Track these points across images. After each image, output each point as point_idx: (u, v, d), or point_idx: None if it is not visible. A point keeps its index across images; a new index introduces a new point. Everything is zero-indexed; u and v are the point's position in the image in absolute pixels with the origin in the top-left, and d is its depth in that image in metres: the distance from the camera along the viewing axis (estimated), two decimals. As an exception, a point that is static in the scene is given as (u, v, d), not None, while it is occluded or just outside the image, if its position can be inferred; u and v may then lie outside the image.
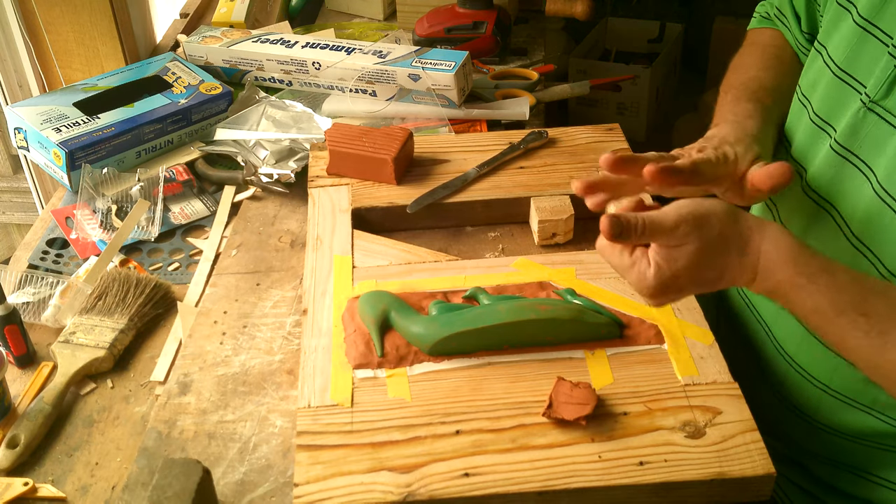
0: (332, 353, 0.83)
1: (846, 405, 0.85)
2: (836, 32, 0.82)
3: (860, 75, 0.79)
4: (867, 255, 0.78)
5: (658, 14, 2.67)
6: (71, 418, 0.85)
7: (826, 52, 0.83)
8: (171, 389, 0.85)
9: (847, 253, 0.80)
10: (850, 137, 0.79)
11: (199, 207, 1.13)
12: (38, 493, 0.77)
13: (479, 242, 1.03)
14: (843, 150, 0.80)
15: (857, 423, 0.85)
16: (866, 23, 0.78)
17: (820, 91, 0.84)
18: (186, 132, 1.23)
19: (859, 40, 0.79)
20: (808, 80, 0.87)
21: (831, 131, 0.82)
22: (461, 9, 1.43)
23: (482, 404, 0.77)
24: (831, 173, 0.81)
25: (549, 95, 1.33)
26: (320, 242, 0.97)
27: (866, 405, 0.83)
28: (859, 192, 0.78)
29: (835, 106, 0.82)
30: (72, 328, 0.91)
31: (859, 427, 0.85)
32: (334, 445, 0.74)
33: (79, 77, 1.38)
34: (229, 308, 0.94)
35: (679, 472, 0.71)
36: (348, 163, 1.06)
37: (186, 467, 0.68)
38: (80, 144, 1.12)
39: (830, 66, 0.82)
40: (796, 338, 0.88)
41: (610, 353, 0.82)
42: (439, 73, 1.21)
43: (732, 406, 0.76)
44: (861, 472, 0.88)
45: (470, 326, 0.81)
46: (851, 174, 0.79)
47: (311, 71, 1.30)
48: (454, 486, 0.71)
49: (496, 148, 1.10)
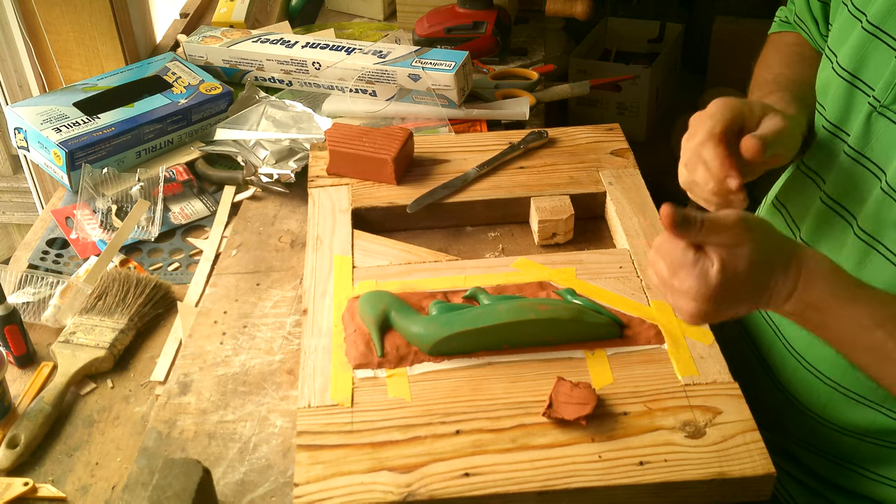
0: (332, 353, 0.83)
1: (856, 402, 0.85)
2: (847, 39, 0.83)
3: (869, 79, 0.80)
4: (878, 248, 0.79)
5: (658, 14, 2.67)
6: (71, 418, 0.85)
7: (836, 59, 0.84)
8: (171, 389, 0.85)
9: (857, 249, 0.81)
10: (862, 141, 0.80)
11: (199, 207, 1.13)
12: (38, 493, 0.77)
13: (479, 242, 1.03)
14: (857, 154, 0.81)
15: (866, 420, 0.85)
16: (875, 29, 0.79)
17: (831, 97, 0.85)
18: (186, 132, 1.23)
19: (868, 46, 0.79)
20: (819, 87, 0.88)
21: (844, 136, 0.83)
22: (461, 9, 1.43)
23: (482, 404, 0.77)
24: (846, 178, 0.82)
25: (549, 95, 1.33)
26: (320, 242, 0.96)
27: (877, 402, 0.84)
28: (870, 193, 0.79)
29: (845, 111, 0.83)
30: (72, 328, 0.91)
31: (867, 424, 0.85)
32: (334, 445, 0.74)
33: (79, 77, 1.38)
34: (229, 308, 0.94)
35: (679, 472, 0.71)
36: (348, 163, 1.06)
37: (186, 467, 0.68)
38: (80, 144, 1.12)
39: (839, 72, 0.83)
40: (806, 336, 0.88)
41: (610, 353, 0.82)
42: (439, 73, 1.21)
43: (732, 406, 0.77)
44: (864, 470, 0.88)
45: (470, 326, 0.81)
46: (864, 177, 0.80)
47: (311, 71, 1.30)
48: (454, 486, 0.71)
49: (496, 148, 1.10)
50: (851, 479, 0.89)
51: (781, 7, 1.07)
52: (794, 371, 0.90)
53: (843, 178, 0.83)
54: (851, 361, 0.74)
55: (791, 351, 0.90)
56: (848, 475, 0.89)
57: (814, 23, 0.97)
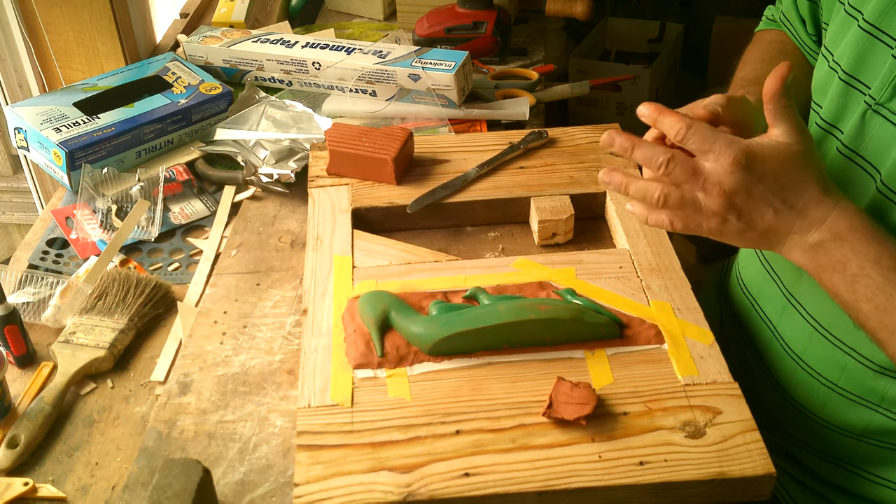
0: (332, 353, 0.83)
1: (854, 403, 0.85)
2: (844, 38, 0.83)
3: (866, 78, 0.80)
4: None
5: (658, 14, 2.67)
6: (71, 418, 0.85)
7: (832, 58, 0.84)
8: (171, 389, 0.85)
9: None
10: (856, 139, 0.80)
11: (199, 207, 1.13)
12: (38, 493, 0.77)
13: (479, 242, 1.03)
14: (849, 152, 0.81)
15: (863, 420, 0.85)
16: (872, 27, 0.79)
17: (828, 96, 0.85)
18: (186, 132, 1.23)
19: (865, 44, 0.79)
20: (816, 86, 0.88)
21: (838, 133, 0.83)
22: (461, 9, 1.43)
23: (482, 404, 0.77)
24: (839, 176, 0.82)
25: (549, 95, 1.33)
26: (320, 242, 0.97)
27: (874, 402, 0.84)
28: (864, 192, 0.79)
29: (841, 109, 0.83)
30: (72, 328, 0.91)
31: (864, 425, 0.85)
32: (334, 445, 0.74)
33: (79, 77, 1.38)
34: (229, 308, 0.94)
35: (679, 472, 0.71)
36: (348, 163, 1.06)
37: (186, 467, 0.68)
38: (80, 144, 1.12)
39: (837, 71, 0.83)
40: (803, 337, 0.88)
41: (610, 353, 0.82)
42: (439, 73, 1.21)
43: (732, 406, 0.76)
44: (862, 471, 0.88)
45: (470, 326, 0.81)
46: (857, 175, 0.80)
47: (311, 71, 1.30)
48: (454, 485, 0.71)
49: (496, 148, 1.10)
50: (850, 480, 0.89)
51: (770, 6, 1.08)
52: (792, 372, 0.90)
53: (835, 177, 0.83)
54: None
55: (788, 352, 0.91)
56: (847, 476, 0.90)
57: (800, 22, 0.97)
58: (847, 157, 0.81)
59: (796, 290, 0.89)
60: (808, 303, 0.87)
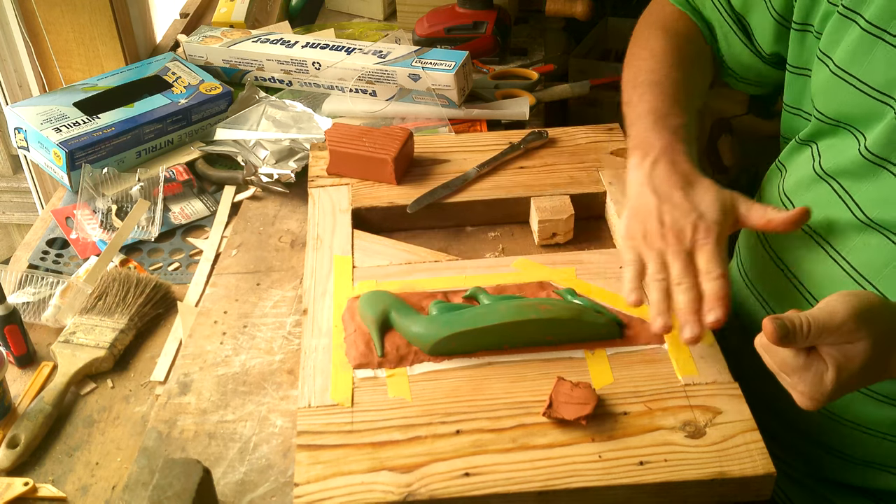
0: (332, 353, 0.83)
1: (868, 398, 0.85)
2: (842, 41, 0.81)
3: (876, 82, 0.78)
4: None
5: (658, 14, 2.67)
6: (71, 418, 0.85)
7: (832, 62, 0.82)
8: (171, 389, 0.85)
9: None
10: (887, 147, 0.78)
11: (199, 207, 1.13)
12: (39, 493, 0.77)
13: (479, 242, 1.03)
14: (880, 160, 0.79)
15: (889, 419, 0.85)
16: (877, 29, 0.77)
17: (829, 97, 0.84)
18: (186, 132, 1.23)
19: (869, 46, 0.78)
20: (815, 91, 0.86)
21: (861, 139, 0.81)
22: (461, 9, 1.43)
23: (482, 404, 0.77)
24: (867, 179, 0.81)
25: (549, 95, 1.33)
26: (320, 242, 0.97)
27: (893, 398, 0.83)
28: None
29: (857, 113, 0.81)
30: (72, 328, 0.91)
31: (880, 418, 0.85)
32: (334, 445, 0.74)
33: (79, 77, 1.38)
34: (229, 308, 0.94)
35: (679, 472, 0.71)
36: (348, 163, 1.06)
37: (186, 467, 0.68)
38: (80, 144, 1.12)
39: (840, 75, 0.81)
40: None
41: (610, 353, 0.82)
42: (439, 73, 1.21)
43: (732, 406, 0.77)
44: (874, 464, 0.88)
45: (470, 326, 0.81)
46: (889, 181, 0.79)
47: (311, 71, 1.30)
48: (454, 485, 0.71)
49: (496, 148, 1.10)
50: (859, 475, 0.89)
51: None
52: None
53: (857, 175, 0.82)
54: None
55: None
56: (855, 470, 0.89)
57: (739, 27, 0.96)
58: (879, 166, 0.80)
59: (806, 281, 0.88)
60: (821, 295, 0.86)
